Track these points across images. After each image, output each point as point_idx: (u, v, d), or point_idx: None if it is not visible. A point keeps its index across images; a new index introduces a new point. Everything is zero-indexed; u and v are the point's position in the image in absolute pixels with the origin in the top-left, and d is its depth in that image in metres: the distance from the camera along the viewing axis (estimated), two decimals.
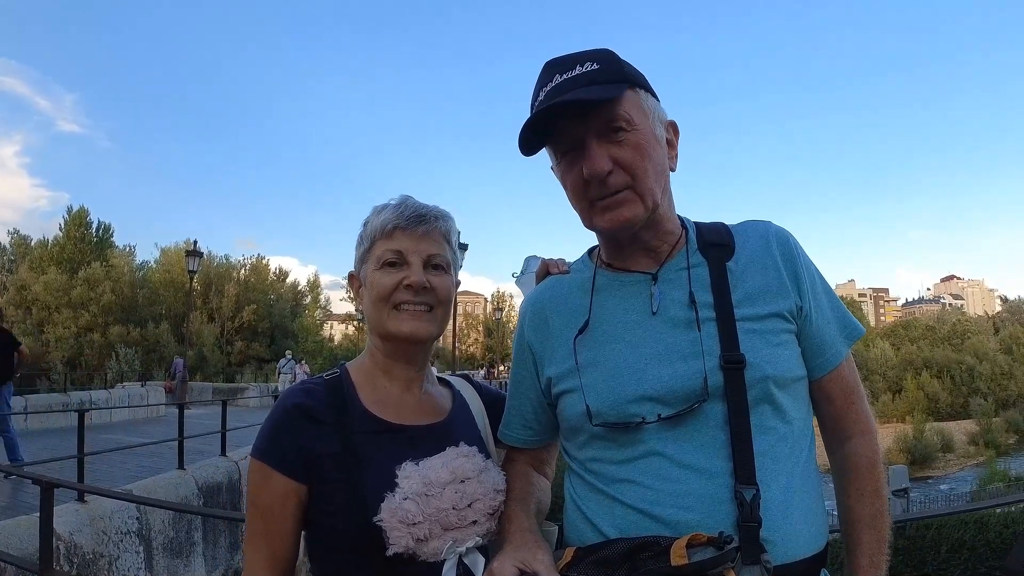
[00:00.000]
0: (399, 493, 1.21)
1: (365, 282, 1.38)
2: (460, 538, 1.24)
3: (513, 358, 1.42)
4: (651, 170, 1.17)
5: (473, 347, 71.48)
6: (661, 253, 1.25)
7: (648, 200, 1.18)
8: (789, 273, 1.22)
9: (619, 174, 1.15)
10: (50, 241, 38.29)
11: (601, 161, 1.14)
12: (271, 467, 1.25)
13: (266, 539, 1.26)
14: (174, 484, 8.78)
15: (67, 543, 6.37)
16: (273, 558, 1.26)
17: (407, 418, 1.34)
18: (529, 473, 1.41)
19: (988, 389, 53.23)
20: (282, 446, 1.26)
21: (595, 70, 1.15)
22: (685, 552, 0.96)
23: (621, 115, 1.15)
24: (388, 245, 1.34)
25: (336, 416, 1.28)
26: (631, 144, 1.16)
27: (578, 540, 1.18)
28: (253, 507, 1.27)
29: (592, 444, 1.22)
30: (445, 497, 1.23)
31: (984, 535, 11.00)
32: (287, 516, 1.25)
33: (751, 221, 1.31)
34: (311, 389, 1.32)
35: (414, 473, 1.24)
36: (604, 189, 1.16)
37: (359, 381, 1.36)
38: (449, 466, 1.27)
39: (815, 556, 1.13)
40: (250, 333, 38.90)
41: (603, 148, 1.15)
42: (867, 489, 1.21)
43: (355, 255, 1.42)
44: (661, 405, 1.14)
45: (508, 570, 1.06)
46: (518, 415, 1.40)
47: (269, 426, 1.28)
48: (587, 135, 1.15)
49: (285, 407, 1.28)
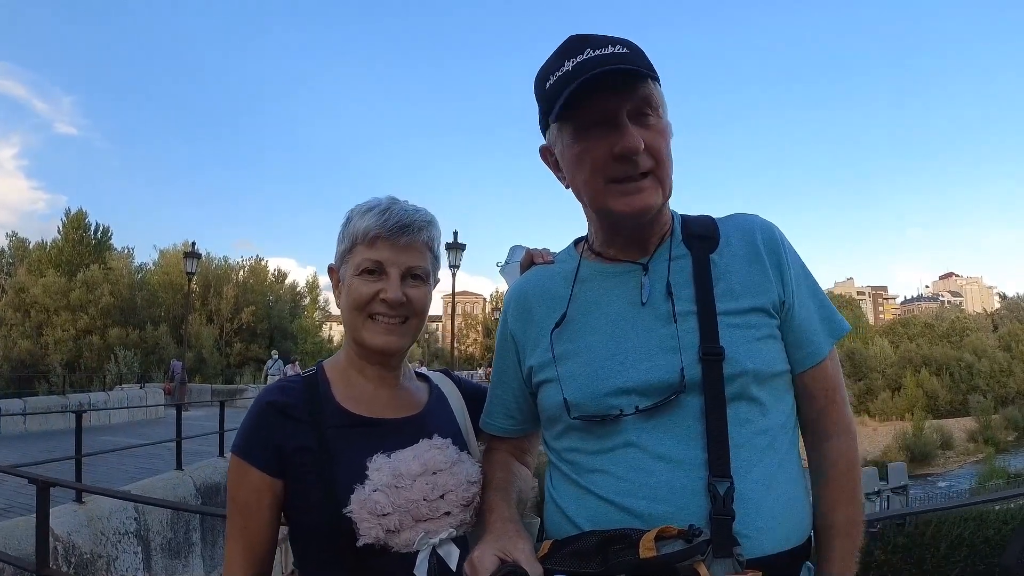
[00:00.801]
0: (369, 485, 1.23)
1: (343, 282, 1.39)
2: (433, 529, 1.25)
3: (496, 347, 1.43)
4: (668, 159, 1.19)
5: (472, 347, 71.32)
6: (651, 244, 1.26)
7: (667, 188, 1.19)
8: (773, 266, 1.22)
9: (646, 157, 1.15)
10: (48, 243, 38.16)
11: (634, 139, 1.13)
12: (248, 463, 1.28)
13: (243, 533, 1.30)
14: (172, 485, 8.77)
15: (65, 543, 6.38)
16: (250, 551, 1.30)
17: (381, 412, 1.36)
18: (510, 462, 1.42)
19: (987, 386, 53.15)
20: (258, 443, 1.29)
21: (626, 53, 1.14)
22: (654, 545, 0.96)
23: (653, 100, 1.16)
24: (368, 254, 1.34)
25: (310, 412, 1.31)
26: (658, 130, 1.17)
27: (555, 532, 1.19)
28: (232, 502, 1.31)
29: (569, 435, 1.23)
30: (415, 488, 1.25)
31: (983, 531, 10.99)
32: (263, 510, 1.29)
33: (737, 214, 1.31)
34: (287, 387, 1.35)
35: (384, 465, 1.26)
36: (631, 168, 1.15)
37: (334, 378, 1.39)
38: (420, 458, 1.29)
39: (793, 550, 1.12)
40: (249, 334, 38.79)
41: (634, 128, 1.14)
42: (843, 493, 1.22)
43: (336, 248, 1.42)
44: (639, 397, 1.14)
45: (488, 559, 1.06)
46: (500, 404, 1.41)
47: (246, 424, 1.32)
48: (620, 111, 1.13)
49: (260, 405, 1.32)
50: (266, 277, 43.50)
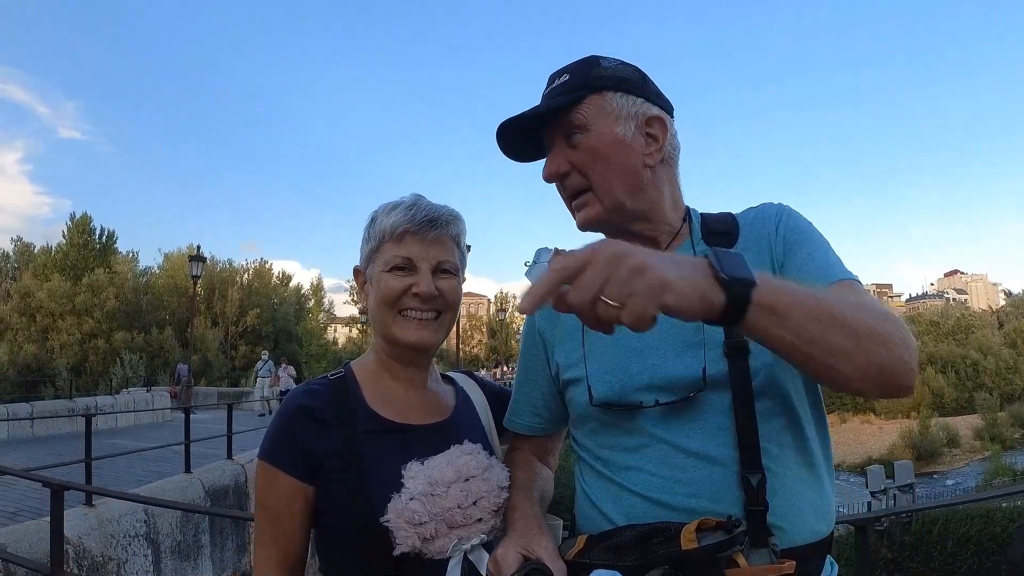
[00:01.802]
0: (405, 493, 1.21)
1: (372, 281, 1.37)
2: (465, 536, 1.24)
3: (522, 345, 1.44)
4: (608, 171, 1.20)
5: (477, 348, 71.41)
6: (661, 244, 1.27)
7: (607, 200, 1.21)
8: (777, 244, 1.21)
9: (575, 176, 1.23)
10: (53, 248, 38.31)
11: (552, 164, 1.24)
12: (277, 468, 1.27)
13: (274, 540, 1.28)
14: (181, 487, 8.82)
15: (76, 546, 6.41)
16: (283, 558, 1.28)
17: (411, 417, 1.34)
18: (533, 462, 1.42)
19: (993, 384, 53.04)
20: (287, 447, 1.27)
21: (564, 81, 1.23)
22: (695, 536, 0.97)
23: (574, 121, 1.21)
24: (397, 250, 1.33)
25: (340, 416, 1.29)
26: (584, 148, 1.21)
27: (589, 528, 1.20)
28: (261, 508, 1.29)
29: (599, 432, 1.24)
30: (450, 496, 1.23)
31: (990, 529, 10.98)
32: (294, 517, 1.27)
33: (752, 207, 1.31)
34: (315, 390, 1.33)
35: (419, 473, 1.24)
36: (564, 191, 1.26)
37: (363, 380, 1.37)
38: (454, 464, 1.27)
39: (819, 543, 1.13)
40: (254, 337, 38.85)
41: (562, 152, 1.23)
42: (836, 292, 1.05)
43: (362, 250, 1.40)
44: (663, 393, 1.16)
45: (511, 556, 1.07)
46: (527, 402, 1.42)
47: (275, 428, 1.30)
48: (551, 141, 1.25)
49: (289, 408, 1.30)
50: (271, 280, 43.62)
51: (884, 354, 0.92)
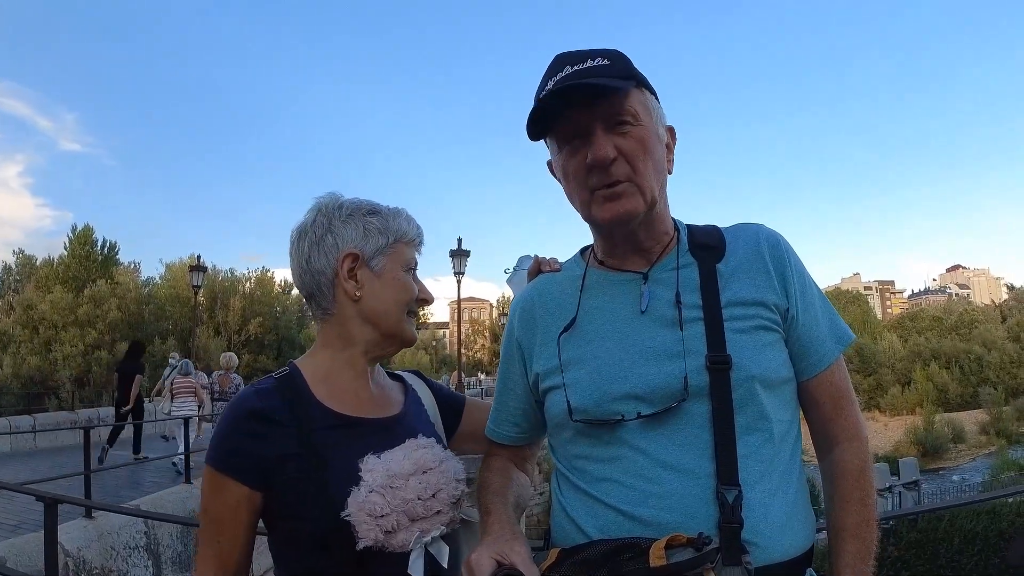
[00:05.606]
0: (364, 487, 1.21)
1: (381, 274, 1.36)
2: (426, 528, 1.24)
3: (502, 355, 1.42)
4: (652, 166, 1.19)
5: (480, 352, 71.45)
6: (653, 253, 1.26)
7: (648, 194, 1.19)
8: (777, 275, 1.22)
9: (622, 164, 1.17)
10: (55, 260, 38.34)
11: (606, 148, 1.15)
12: (226, 475, 1.24)
13: (217, 548, 1.26)
14: (182, 498, 8.81)
15: (75, 559, 6.40)
16: (223, 567, 1.26)
17: (363, 411, 1.34)
18: (509, 468, 1.41)
19: (997, 378, 52.94)
20: (236, 453, 1.24)
21: (605, 65, 1.17)
22: (664, 553, 0.95)
23: (628, 108, 1.17)
24: (411, 255, 1.42)
25: (292, 415, 1.27)
26: (636, 137, 1.18)
27: (563, 540, 1.18)
28: (206, 515, 1.26)
29: (575, 442, 1.22)
30: (409, 488, 1.23)
31: (996, 525, 10.94)
32: (239, 524, 1.25)
33: (742, 224, 1.31)
34: (262, 390, 1.30)
35: (377, 466, 1.24)
36: (606, 177, 1.17)
37: (311, 376, 1.34)
38: (411, 457, 1.27)
39: (798, 558, 1.12)
40: (257, 346, 38.86)
41: (608, 137, 1.16)
42: (853, 497, 1.19)
43: (365, 239, 1.36)
44: (643, 403, 1.14)
45: (486, 562, 1.05)
46: (506, 412, 1.40)
47: (221, 432, 1.27)
48: (593, 123, 1.17)
49: (238, 412, 1.26)
50: (273, 288, 43.63)
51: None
